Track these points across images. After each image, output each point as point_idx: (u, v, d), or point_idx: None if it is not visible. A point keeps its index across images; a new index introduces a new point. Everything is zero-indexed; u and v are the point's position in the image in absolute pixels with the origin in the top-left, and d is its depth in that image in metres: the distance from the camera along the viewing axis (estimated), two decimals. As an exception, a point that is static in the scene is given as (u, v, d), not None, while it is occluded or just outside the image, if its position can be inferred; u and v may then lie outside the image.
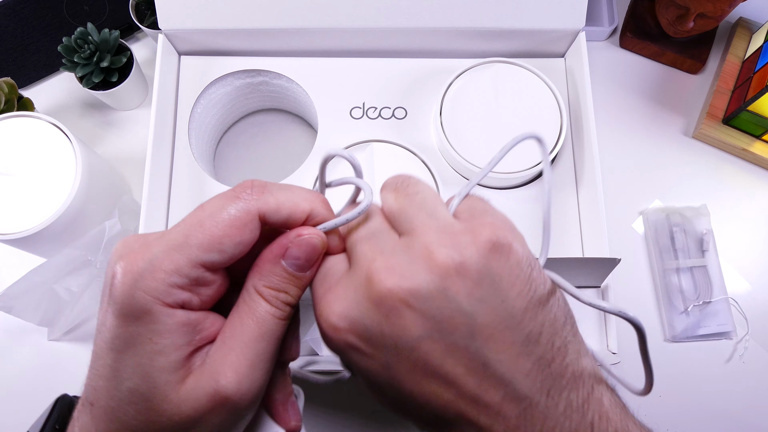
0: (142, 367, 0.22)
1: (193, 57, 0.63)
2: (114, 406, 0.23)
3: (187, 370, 0.23)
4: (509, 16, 0.60)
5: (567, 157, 0.61)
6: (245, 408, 0.23)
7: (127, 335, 0.22)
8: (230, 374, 0.23)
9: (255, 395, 0.24)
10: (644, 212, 0.69)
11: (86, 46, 0.63)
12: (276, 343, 0.24)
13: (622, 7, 0.77)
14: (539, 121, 0.59)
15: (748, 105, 0.66)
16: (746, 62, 0.72)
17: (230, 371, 0.23)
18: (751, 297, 0.66)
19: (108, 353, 0.23)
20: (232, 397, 0.22)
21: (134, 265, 0.22)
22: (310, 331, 0.57)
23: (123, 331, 0.22)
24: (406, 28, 0.59)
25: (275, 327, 0.24)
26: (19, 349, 0.63)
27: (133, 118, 0.71)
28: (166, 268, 0.22)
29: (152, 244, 0.23)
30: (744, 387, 0.63)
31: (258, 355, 0.23)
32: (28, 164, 0.56)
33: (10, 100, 0.63)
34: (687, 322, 0.64)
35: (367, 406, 0.62)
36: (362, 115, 0.61)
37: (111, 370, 0.23)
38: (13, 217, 0.54)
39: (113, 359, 0.23)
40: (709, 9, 0.65)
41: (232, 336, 0.24)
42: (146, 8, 0.70)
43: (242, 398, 0.23)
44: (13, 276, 0.56)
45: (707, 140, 0.71)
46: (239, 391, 0.23)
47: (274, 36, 0.61)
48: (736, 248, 0.68)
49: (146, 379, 0.22)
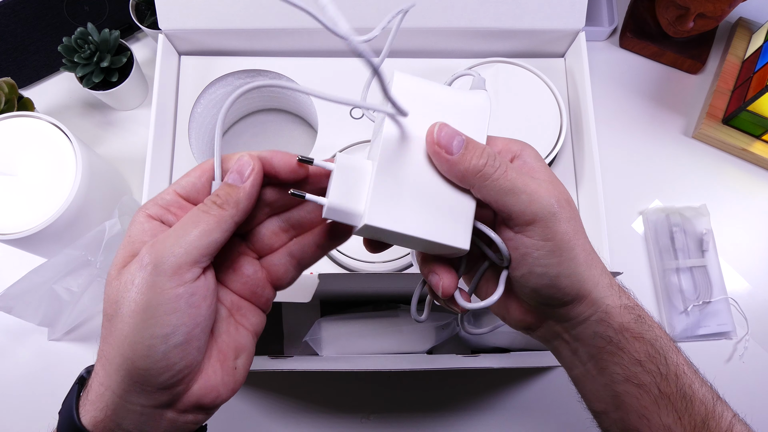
0: (116, 255, 0.28)
1: (193, 57, 0.63)
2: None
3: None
4: (509, 16, 0.60)
5: (567, 157, 0.61)
6: (163, 272, 0.26)
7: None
8: (151, 244, 0.27)
9: (172, 263, 0.27)
10: (644, 212, 0.69)
11: (86, 46, 0.63)
12: (201, 232, 0.27)
13: (622, 7, 0.77)
14: (539, 121, 0.59)
15: (748, 105, 0.66)
16: (746, 62, 0.72)
17: (152, 242, 0.27)
18: (751, 297, 0.66)
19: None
20: (146, 258, 0.27)
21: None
22: (310, 331, 0.57)
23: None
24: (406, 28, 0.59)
25: (198, 217, 0.28)
26: (19, 349, 0.63)
27: (133, 118, 0.71)
28: (157, 196, 0.30)
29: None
30: (744, 387, 0.63)
31: (179, 233, 0.27)
32: (28, 164, 0.56)
33: (10, 100, 0.63)
34: (687, 322, 0.64)
35: (367, 406, 0.62)
36: (362, 115, 0.61)
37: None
38: (13, 217, 0.54)
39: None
40: (709, 9, 0.65)
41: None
42: (146, 8, 0.70)
43: (157, 260, 0.27)
44: (13, 276, 0.56)
45: (707, 140, 0.71)
46: (152, 253, 0.27)
47: (274, 36, 0.61)
48: (736, 248, 0.68)
49: (113, 264, 0.28)
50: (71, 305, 0.58)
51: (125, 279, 0.27)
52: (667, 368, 0.32)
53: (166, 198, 0.29)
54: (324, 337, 0.56)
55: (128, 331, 0.26)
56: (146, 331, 0.26)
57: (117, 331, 0.27)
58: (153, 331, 0.26)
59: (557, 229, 0.30)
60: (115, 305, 0.27)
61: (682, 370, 0.33)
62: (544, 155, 0.58)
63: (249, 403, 0.62)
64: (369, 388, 0.62)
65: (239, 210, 0.28)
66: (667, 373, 0.32)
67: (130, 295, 0.26)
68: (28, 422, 0.61)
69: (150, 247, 0.27)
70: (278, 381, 0.62)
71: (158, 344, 0.26)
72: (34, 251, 0.59)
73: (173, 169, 0.60)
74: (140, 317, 0.26)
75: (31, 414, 0.61)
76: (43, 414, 0.60)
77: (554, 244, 0.30)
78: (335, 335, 0.56)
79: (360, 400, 0.62)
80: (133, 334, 0.26)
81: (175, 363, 0.27)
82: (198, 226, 0.27)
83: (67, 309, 0.58)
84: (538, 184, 0.30)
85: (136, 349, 0.26)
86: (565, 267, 0.30)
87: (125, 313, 0.26)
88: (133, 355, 0.26)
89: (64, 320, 0.60)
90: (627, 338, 0.32)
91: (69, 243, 0.56)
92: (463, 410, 0.62)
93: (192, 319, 0.27)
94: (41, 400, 0.61)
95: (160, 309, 0.26)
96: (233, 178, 0.29)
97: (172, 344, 0.27)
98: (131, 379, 0.27)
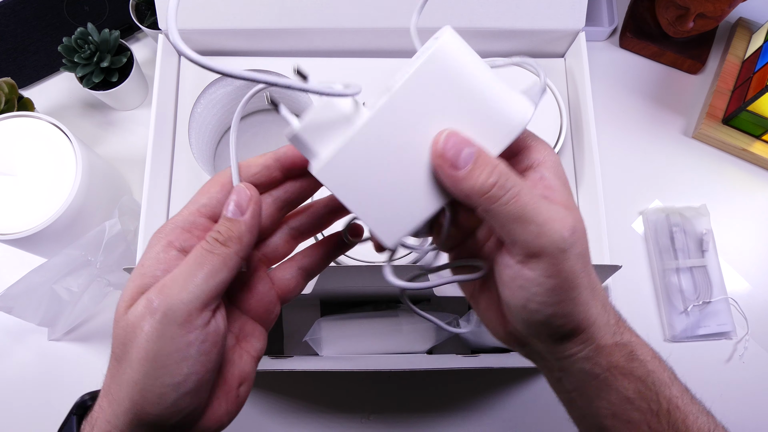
0: (126, 288, 0.27)
1: (193, 57, 0.63)
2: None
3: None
4: (509, 16, 0.60)
5: (567, 157, 0.61)
6: (172, 320, 0.25)
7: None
8: (159, 287, 0.26)
9: (181, 311, 0.26)
10: (644, 212, 0.69)
11: (86, 46, 0.63)
12: (206, 274, 0.26)
13: (622, 7, 0.77)
14: (539, 121, 0.59)
15: (748, 105, 0.66)
16: (746, 62, 0.72)
17: (160, 285, 0.26)
18: (751, 297, 0.66)
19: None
20: (153, 304, 0.26)
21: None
22: (310, 331, 0.57)
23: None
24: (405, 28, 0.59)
25: (203, 257, 0.27)
26: (19, 349, 0.63)
27: (133, 118, 0.71)
28: (177, 216, 0.29)
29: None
30: (744, 387, 0.63)
31: (186, 277, 0.26)
32: (28, 164, 0.56)
33: (10, 100, 0.63)
34: (687, 322, 0.64)
35: (367, 406, 0.62)
36: (362, 115, 0.61)
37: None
38: (13, 217, 0.54)
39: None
40: (709, 9, 0.65)
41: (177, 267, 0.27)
42: (146, 8, 0.70)
43: (164, 307, 0.25)
44: (13, 276, 0.56)
45: (707, 140, 0.71)
46: (160, 299, 0.26)
47: (274, 36, 0.61)
48: (736, 248, 0.68)
49: (122, 299, 0.27)
50: (71, 305, 0.58)
51: (133, 322, 0.26)
52: (659, 405, 0.30)
53: (189, 219, 0.28)
54: (324, 337, 0.56)
55: (138, 378, 0.26)
56: (157, 380, 0.26)
57: (126, 376, 0.26)
58: (163, 381, 0.26)
59: (563, 267, 0.26)
60: (123, 347, 0.26)
61: (675, 404, 0.30)
62: (544, 155, 0.58)
63: (249, 403, 0.62)
64: (369, 388, 0.62)
65: (243, 245, 0.27)
66: (659, 410, 0.30)
67: (139, 341, 0.26)
68: (28, 422, 0.61)
69: (158, 293, 0.26)
70: (278, 381, 0.62)
71: (169, 392, 0.26)
72: (34, 251, 0.59)
73: (173, 169, 0.60)
74: (150, 365, 0.26)
75: (31, 414, 0.61)
76: (43, 414, 0.60)
77: (557, 283, 0.27)
78: (335, 335, 0.56)
79: (360, 400, 0.62)
80: (143, 381, 0.26)
81: (186, 408, 0.27)
82: (203, 267, 0.26)
83: (67, 309, 0.58)
84: (552, 212, 0.26)
85: (147, 396, 0.26)
86: (562, 307, 0.27)
87: (134, 359, 0.26)
88: (143, 401, 0.26)
89: (64, 320, 0.60)
90: (615, 375, 0.30)
91: (69, 243, 0.56)
92: (463, 410, 0.62)
93: (203, 366, 0.27)
94: (41, 400, 0.61)
95: (171, 358, 0.26)
96: (232, 212, 0.28)
97: (183, 392, 0.26)
98: (140, 422, 0.26)
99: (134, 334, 0.26)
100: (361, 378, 0.62)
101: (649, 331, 0.65)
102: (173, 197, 0.59)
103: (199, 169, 0.59)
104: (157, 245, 0.28)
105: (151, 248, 0.28)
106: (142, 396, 0.26)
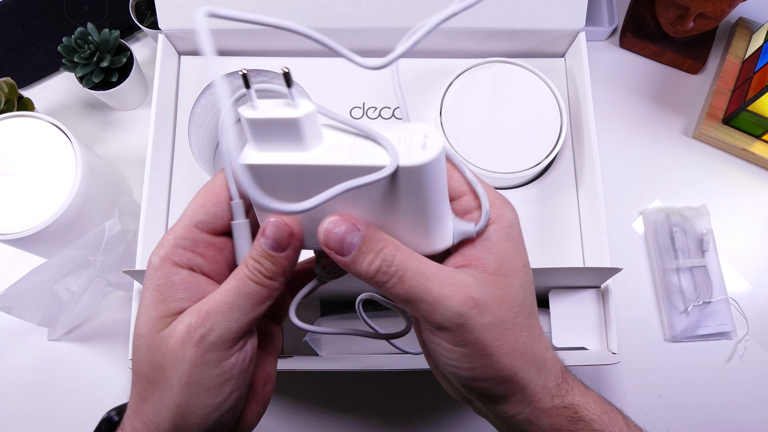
0: (145, 311, 0.27)
1: (193, 57, 0.63)
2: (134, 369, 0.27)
3: (177, 316, 0.27)
4: (509, 16, 0.60)
5: (567, 157, 0.61)
6: (215, 346, 0.26)
7: (143, 292, 0.27)
8: (201, 314, 0.26)
9: (226, 338, 0.26)
10: (644, 212, 0.69)
11: (86, 46, 0.63)
12: (252, 303, 0.27)
13: (622, 7, 0.77)
14: (539, 121, 0.59)
15: (748, 105, 0.66)
16: (746, 62, 0.72)
17: (201, 312, 0.26)
18: (751, 297, 0.66)
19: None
20: (196, 332, 0.26)
21: (159, 242, 0.28)
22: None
23: (143, 290, 0.28)
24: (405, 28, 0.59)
25: (250, 289, 0.27)
26: (19, 349, 0.63)
27: (133, 118, 0.71)
28: (171, 234, 0.28)
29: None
30: (744, 387, 0.63)
31: (231, 306, 0.26)
32: (28, 164, 0.56)
33: (10, 100, 0.63)
34: (687, 322, 0.64)
35: (367, 406, 0.62)
36: (362, 115, 0.61)
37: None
38: (13, 217, 0.54)
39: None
40: (709, 9, 0.65)
41: (216, 291, 0.27)
42: (146, 8, 0.70)
43: (208, 335, 0.26)
44: (13, 276, 0.56)
45: (707, 140, 0.71)
46: (204, 326, 0.26)
47: (274, 36, 0.61)
48: (736, 248, 0.68)
49: (147, 323, 0.27)
50: (71, 305, 0.58)
51: (172, 349, 0.26)
52: None
53: (189, 237, 0.28)
54: (324, 337, 0.56)
55: (180, 402, 0.26)
56: (201, 402, 0.26)
57: (165, 399, 0.26)
58: (207, 402, 0.26)
59: (467, 339, 0.26)
60: (158, 372, 0.26)
61: None
62: (544, 155, 0.58)
63: (249, 403, 0.62)
64: (369, 388, 0.62)
65: (287, 278, 0.27)
66: None
67: (182, 367, 0.26)
68: (28, 422, 0.61)
69: (203, 320, 0.26)
70: (278, 381, 0.62)
71: (213, 412, 0.26)
72: (34, 251, 0.59)
73: (173, 169, 0.60)
74: (194, 390, 0.26)
75: (31, 414, 0.61)
76: (43, 414, 0.60)
77: (466, 351, 0.27)
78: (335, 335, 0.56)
79: (360, 400, 0.62)
80: (186, 404, 0.26)
81: (228, 423, 0.27)
82: (251, 298, 0.26)
83: (67, 309, 0.58)
84: (445, 289, 0.26)
85: (190, 417, 0.26)
86: (479, 372, 0.27)
87: (175, 384, 0.26)
88: (186, 422, 0.26)
89: (64, 320, 0.60)
90: None
91: (69, 243, 0.56)
92: (463, 410, 0.62)
93: (243, 382, 0.27)
94: (41, 400, 0.61)
95: (215, 381, 0.26)
96: (271, 246, 0.26)
97: (225, 410, 0.27)
98: None
99: (175, 360, 0.26)
100: (361, 378, 0.62)
101: (649, 331, 0.65)
102: (173, 197, 0.59)
103: (199, 169, 0.59)
104: (163, 267, 0.27)
105: (158, 270, 0.27)
106: (185, 418, 0.26)
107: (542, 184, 0.60)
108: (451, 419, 0.62)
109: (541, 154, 0.58)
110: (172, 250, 0.27)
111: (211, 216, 0.28)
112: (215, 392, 0.26)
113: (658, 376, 0.63)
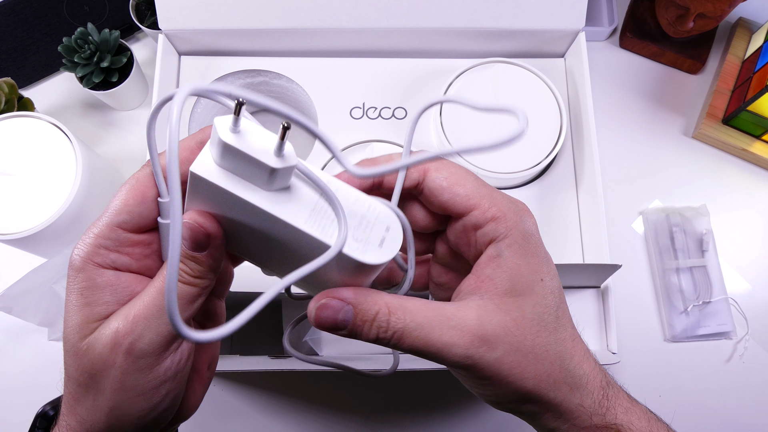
0: (71, 315, 0.26)
1: (193, 57, 0.63)
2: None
3: (103, 321, 0.26)
4: (509, 16, 0.60)
5: (567, 157, 0.61)
6: (146, 353, 0.25)
7: (67, 294, 0.26)
8: (128, 320, 0.25)
9: (157, 343, 0.25)
10: (644, 212, 0.69)
11: (86, 46, 0.63)
12: (183, 303, 0.26)
13: (622, 7, 0.77)
14: (539, 121, 0.59)
15: (748, 105, 0.66)
16: (746, 62, 0.72)
17: (129, 317, 0.25)
18: (751, 297, 0.66)
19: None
20: (125, 339, 0.25)
21: (79, 240, 0.26)
22: (310, 331, 0.57)
23: (67, 292, 0.26)
24: (405, 28, 0.59)
25: (179, 289, 0.26)
26: (19, 349, 0.63)
27: (133, 118, 0.71)
28: (91, 233, 0.26)
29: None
30: (744, 387, 0.63)
31: (160, 308, 0.25)
32: (28, 164, 0.56)
33: (10, 100, 0.63)
34: (687, 322, 0.64)
35: (367, 406, 0.62)
36: (362, 115, 0.61)
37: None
38: (13, 217, 0.54)
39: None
40: (709, 9, 0.65)
41: (142, 292, 0.26)
42: (146, 8, 0.70)
43: (138, 342, 0.25)
44: (13, 276, 0.56)
45: (707, 140, 0.71)
46: (133, 333, 0.25)
47: (274, 36, 0.61)
48: (736, 248, 0.68)
49: (73, 327, 0.26)
50: (71, 305, 0.58)
51: (100, 356, 0.25)
52: None
53: (112, 237, 0.26)
54: (324, 337, 0.56)
55: (113, 405, 0.25)
56: (135, 405, 0.25)
57: (98, 403, 0.26)
58: (142, 406, 0.25)
59: (484, 374, 0.26)
60: (88, 377, 0.25)
61: None
62: (544, 155, 0.58)
63: (249, 403, 0.62)
64: (369, 388, 0.62)
65: (217, 272, 0.27)
66: None
67: (112, 374, 0.25)
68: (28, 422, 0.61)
69: (131, 325, 0.25)
70: (278, 381, 0.62)
71: (149, 413, 0.26)
72: (34, 251, 0.59)
73: (173, 169, 0.60)
74: (126, 395, 0.25)
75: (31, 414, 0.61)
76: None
77: (486, 382, 0.26)
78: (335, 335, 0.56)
79: (360, 400, 0.62)
80: (120, 408, 0.25)
81: (167, 417, 0.27)
82: (182, 298, 0.25)
83: (67, 309, 0.59)
84: (447, 336, 0.25)
85: (124, 419, 0.25)
86: (506, 397, 0.27)
87: (107, 389, 0.25)
88: (121, 423, 0.26)
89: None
90: None
91: (69, 243, 0.56)
92: (463, 410, 0.62)
93: (181, 381, 0.26)
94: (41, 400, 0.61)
95: (149, 386, 0.25)
96: (191, 246, 0.25)
97: (162, 409, 0.26)
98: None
99: (105, 367, 0.25)
100: (361, 378, 0.62)
101: (649, 331, 0.65)
102: (173, 197, 0.59)
103: (199, 169, 0.59)
104: (86, 268, 0.26)
105: (80, 272, 0.26)
106: (120, 420, 0.25)
107: (542, 184, 0.60)
108: (452, 419, 0.62)
109: (541, 154, 0.58)
110: (93, 250, 0.26)
111: (135, 216, 0.26)
112: (150, 395, 0.25)
113: (657, 375, 0.63)
